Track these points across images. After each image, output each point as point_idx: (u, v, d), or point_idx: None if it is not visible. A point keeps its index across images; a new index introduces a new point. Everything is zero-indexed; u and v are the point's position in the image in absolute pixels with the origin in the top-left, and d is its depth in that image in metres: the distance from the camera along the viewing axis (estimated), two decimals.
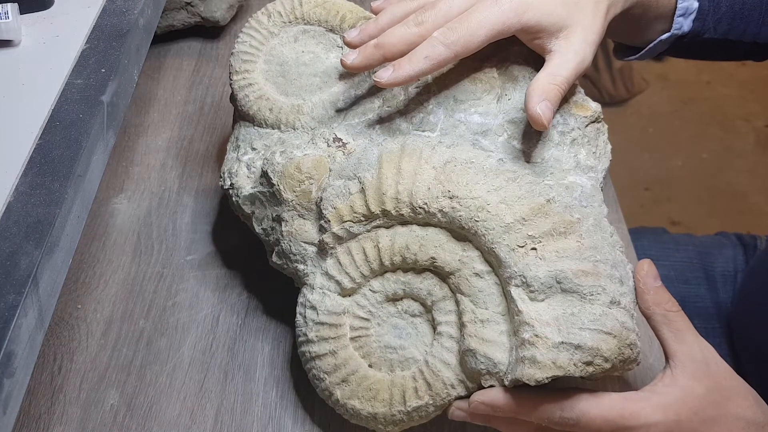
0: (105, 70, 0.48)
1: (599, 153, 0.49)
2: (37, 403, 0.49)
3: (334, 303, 0.45)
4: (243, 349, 0.53)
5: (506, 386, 0.42)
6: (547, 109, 0.44)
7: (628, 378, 0.52)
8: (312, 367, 0.46)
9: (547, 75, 0.46)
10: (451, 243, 0.44)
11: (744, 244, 0.75)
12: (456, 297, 0.44)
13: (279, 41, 0.54)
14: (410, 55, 0.46)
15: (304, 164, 0.47)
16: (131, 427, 0.48)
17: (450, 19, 0.47)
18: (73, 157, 0.43)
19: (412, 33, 0.47)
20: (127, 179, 0.63)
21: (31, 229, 0.39)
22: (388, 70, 0.46)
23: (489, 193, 0.43)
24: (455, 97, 0.49)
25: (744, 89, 1.92)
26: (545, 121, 0.44)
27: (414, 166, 0.45)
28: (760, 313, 0.66)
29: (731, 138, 1.79)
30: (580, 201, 0.45)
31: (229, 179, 0.52)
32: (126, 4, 0.54)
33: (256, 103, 0.52)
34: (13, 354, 0.35)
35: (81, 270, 0.57)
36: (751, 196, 1.65)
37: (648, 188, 1.66)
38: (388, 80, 0.46)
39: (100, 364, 0.51)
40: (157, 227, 0.60)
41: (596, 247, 0.43)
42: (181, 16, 0.74)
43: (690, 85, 1.93)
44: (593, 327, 0.40)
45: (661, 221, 1.58)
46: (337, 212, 0.45)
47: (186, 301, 0.55)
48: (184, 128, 0.68)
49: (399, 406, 0.43)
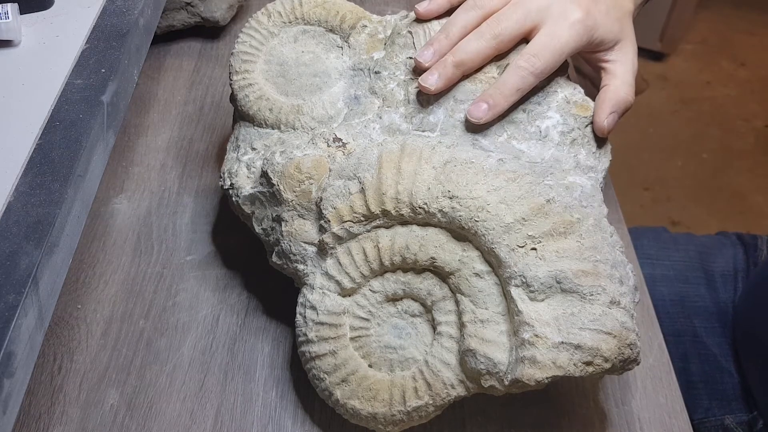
0: (105, 70, 0.48)
1: (599, 153, 0.49)
2: (37, 403, 0.49)
3: (334, 303, 0.45)
4: (243, 349, 0.53)
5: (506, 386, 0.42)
6: (614, 121, 0.49)
7: (628, 378, 0.52)
8: (312, 367, 0.46)
9: (615, 88, 0.50)
10: (451, 243, 0.44)
11: (744, 244, 0.75)
12: (456, 297, 0.44)
13: (279, 41, 0.54)
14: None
15: (304, 164, 0.47)
16: (131, 427, 0.48)
17: (524, 31, 0.48)
18: (73, 157, 0.43)
19: (490, 47, 0.48)
20: (127, 179, 0.63)
21: (31, 229, 0.39)
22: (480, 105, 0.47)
23: (489, 193, 0.43)
24: (455, 97, 0.49)
25: (744, 89, 1.92)
26: (608, 132, 0.49)
27: (414, 166, 0.45)
28: (765, 313, 0.66)
29: (731, 138, 1.79)
30: (580, 201, 0.45)
31: (229, 179, 0.52)
32: (126, 4, 0.54)
33: (256, 103, 0.52)
34: (13, 354, 0.35)
35: (81, 270, 0.57)
36: (751, 196, 1.65)
37: (648, 188, 1.66)
38: (486, 118, 0.47)
39: (100, 364, 0.51)
40: (157, 227, 0.60)
41: (596, 247, 0.43)
42: (181, 16, 0.74)
43: (690, 85, 1.93)
44: (593, 327, 0.40)
45: (661, 221, 1.58)
46: (337, 212, 0.45)
47: (186, 301, 0.55)
48: (184, 128, 0.68)
49: (399, 406, 0.43)
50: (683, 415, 0.51)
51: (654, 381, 0.52)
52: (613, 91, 0.49)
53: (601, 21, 0.49)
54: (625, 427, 0.50)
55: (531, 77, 0.47)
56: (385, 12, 0.79)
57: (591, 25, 0.48)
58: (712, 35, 2.10)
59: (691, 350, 0.70)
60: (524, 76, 0.47)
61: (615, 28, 0.50)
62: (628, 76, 0.50)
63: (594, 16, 0.49)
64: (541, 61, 0.47)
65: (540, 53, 0.47)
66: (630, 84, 0.50)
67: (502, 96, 0.47)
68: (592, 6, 0.49)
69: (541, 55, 0.47)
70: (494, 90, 0.47)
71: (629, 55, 0.51)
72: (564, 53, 0.48)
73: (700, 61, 2.02)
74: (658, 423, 0.50)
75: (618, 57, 0.51)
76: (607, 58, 0.51)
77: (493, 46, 0.48)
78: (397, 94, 0.50)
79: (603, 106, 0.49)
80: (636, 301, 0.44)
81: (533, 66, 0.47)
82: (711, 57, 2.03)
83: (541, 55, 0.47)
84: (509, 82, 0.47)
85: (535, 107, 0.49)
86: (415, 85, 0.49)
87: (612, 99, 0.49)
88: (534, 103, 0.49)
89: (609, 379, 0.52)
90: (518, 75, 0.47)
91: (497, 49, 0.48)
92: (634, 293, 0.44)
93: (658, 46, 1.96)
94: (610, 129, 0.48)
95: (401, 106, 0.49)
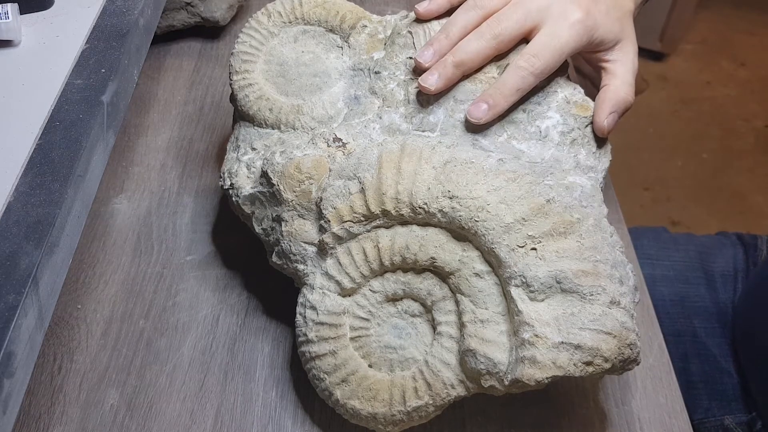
0: (105, 70, 0.48)
1: (599, 153, 0.49)
2: (37, 403, 0.49)
3: (334, 303, 0.45)
4: (243, 349, 0.53)
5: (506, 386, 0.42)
6: (614, 121, 0.49)
7: (628, 378, 0.52)
8: (312, 367, 0.46)
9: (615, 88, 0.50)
10: (451, 243, 0.44)
11: (744, 244, 0.75)
12: (456, 297, 0.44)
13: (279, 41, 0.54)
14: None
15: (304, 164, 0.47)
16: (131, 427, 0.48)
17: (524, 31, 0.48)
18: (73, 157, 0.43)
19: (490, 47, 0.48)
20: (127, 179, 0.63)
21: (31, 229, 0.39)
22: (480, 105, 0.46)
23: (489, 193, 0.43)
24: (455, 97, 0.49)
25: (744, 89, 1.92)
26: (608, 132, 0.49)
27: (414, 166, 0.45)
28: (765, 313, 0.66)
29: (731, 138, 1.79)
30: (580, 201, 0.45)
31: (229, 179, 0.52)
32: (126, 4, 0.54)
33: (256, 103, 0.52)
34: (13, 354, 0.35)
35: (81, 270, 0.57)
36: (751, 196, 1.65)
37: (648, 188, 1.66)
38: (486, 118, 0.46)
39: (100, 364, 0.51)
40: (157, 227, 0.60)
41: (596, 247, 0.43)
42: (181, 16, 0.74)
43: (690, 85, 1.93)
44: (593, 327, 0.40)
45: (661, 221, 1.58)
46: (337, 212, 0.45)
47: (186, 301, 0.55)
48: (184, 128, 0.68)
49: (399, 406, 0.43)
50: (683, 415, 0.51)
51: (654, 381, 0.52)
52: (613, 91, 0.49)
53: (601, 21, 0.49)
54: (625, 427, 0.50)
55: (531, 77, 0.47)
56: (385, 12, 0.79)
57: (591, 25, 0.48)
58: (712, 35, 2.10)
59: (691, 350, 0.70)
60: (524, 76, 0.47)
61: (615, 28, 0.50)
62: (629, 76, 0.50)
63: (594, 16, 0.49)
64: (541, 61, 0.47)
65: (540, 53, 0.47)
66: (630, 84, 0.50)
67: (502, 96, 0.47)
68: (592, 6, 0.49)
69: (541, 55, 0.47)
70: (494, 90, 0.47)
71: (629, 55, 0.51)
72: (564, 53, 0.48)
73: (700, 61, 2.02)
74: (658, 423, 0.50)
75: (618, 57, 0.51)
76: (607, 57, 0.51)
77: (493, 46, 0.48)
78: (397, 94, 0.50)
79: (603, 106, 0.49)
80: (636, 301, 0.44)
81: (533, 66, 0.47)
82: (711, 57, 2.03)
83: (541, 55, 0.47)
84: (509, 83, 0.47)
85: (535, 107, 0.49)
86: (415, 85, 0.49)
87: (612, 99, 0.49)
88: (534, 103, 0.49)
89: (609, 379, 0.52)
90: (518, 75, 0.47)
91: (497, 49, 0.48)
92: (634, 293, 0.44)
93: (658, 46, 1.96)
94: (610, 129, 0.48)
95: (401, 106, 0.49)
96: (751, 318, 0.68)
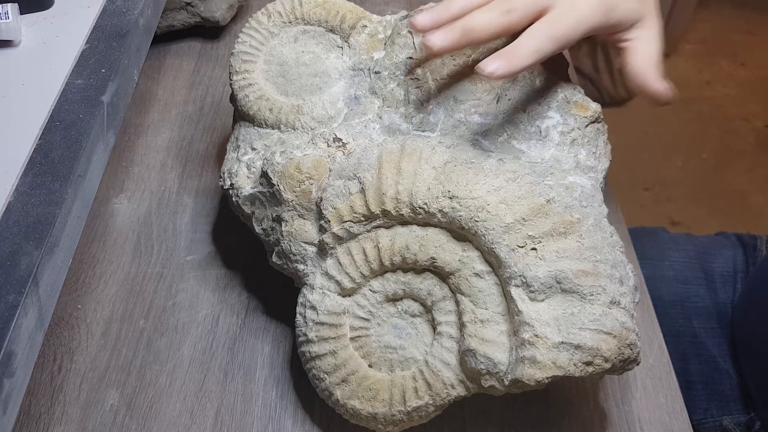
0: (105, 70, 0.48)
1: (599, 153, 0.49)
2: (37, 403, 0.49)
3: (334, 303, 0.45)
4: (243, 349, 0.53)
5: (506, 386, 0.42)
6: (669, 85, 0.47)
7: (628, 378, 0.52)
8: (312, 367, 0.46)
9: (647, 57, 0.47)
10: (451, 243, 0.44)
11: (744, 244, 0.75)
12: (456, 297, 0.44)
13: (279, 41, 0.54)
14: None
15: (304, 164, 0.47)
16: (131, 427, 0.48)
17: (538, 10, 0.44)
18: (73, 157, 0.43)
19: (501, 22, 0.44)
20: (127, 179, 0.63)
21: (31, 229, 0.39)
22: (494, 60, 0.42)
23: (489, 193, 0.43)
24: (455, 97, 0.49)
25: (744, 89, 1.92)
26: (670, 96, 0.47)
27: (414, 166, 0.45)
28: (765, 314, 0.66)
29: (731, 138, 1.79)
30: (580, 201, 0.45)
31: (229, 179, 0.52)
32: (126, 4, 0.54)
33: (256, 103, 0.52)
34: (13, 354, 0.35)
35: (81, 270, 0.57)
36: (751, 196, 1.65)
37: (648, 188, 1.66)
38: (499, 72, 0.42)
39: (100, 364, 0.51)
40: (157, 227, 0.60)
41: (596, 247, 0.43)
42: (181, 16, 0.74)
43: (690, 85, 1.93)
44: (593, 327, 0.40)
45: (661, 221, 1.58)
46: (337, 212, 0.45)
47: (186, 301, 0.55)
48: (184, 128, 0.68)
49: (399, 406, 0.43)
50: (683, 415, 0.51)
51: (654, 381, 0.52)
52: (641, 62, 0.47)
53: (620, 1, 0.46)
54: (625, 427, 0.50)
55: (549, 42, 0.43)
56: (385, 12, 0.79)
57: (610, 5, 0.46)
58: (712, 35, 2.10)
59: (690, 351, 0.70)
60: (541, 38, 0.43)
61: (635, 8, 0.47)
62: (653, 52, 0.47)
63: None
64: (559, 28, 0.43)
65: (559, 20, 0.44)
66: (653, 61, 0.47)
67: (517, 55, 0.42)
68: None
69: (560, 22, 0.44)
70: (510, 48, 0.43)
71: (652, 30, 0.48)
72: (582, 25, 0.45)
73: (700, 61, 2.02)
74: (658, 423, 0.50)
75: (638, 35, 0.47)
76: (625, 37, 0.48)
77: (504, 21, 0.44)
78: (397, 94, 0.50)
79: (645, 77, 0.46)
80: (636, 301, 0.44)
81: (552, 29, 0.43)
82: (711, 57, 2.03)
83: (560, 22, 0.44)
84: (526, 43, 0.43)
85: (535, 107, 0.49)
86: (415, 85, 0.49)
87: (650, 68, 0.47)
88: (534, 103, 0.49)
89: (609, 379, 0.52)
90: (534, 37, 0.43)
91: (507, 26, 0.44)
92: (634, 293, 0.44)
93: None
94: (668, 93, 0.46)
95: (401, 106, 0.49)
96: (751, 318, 0.68)
